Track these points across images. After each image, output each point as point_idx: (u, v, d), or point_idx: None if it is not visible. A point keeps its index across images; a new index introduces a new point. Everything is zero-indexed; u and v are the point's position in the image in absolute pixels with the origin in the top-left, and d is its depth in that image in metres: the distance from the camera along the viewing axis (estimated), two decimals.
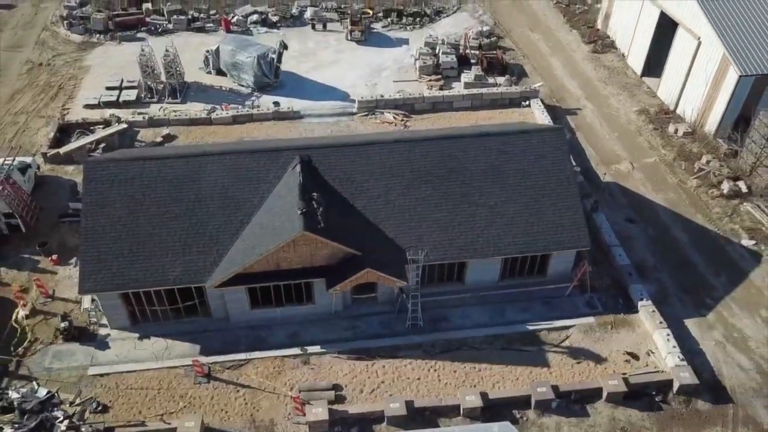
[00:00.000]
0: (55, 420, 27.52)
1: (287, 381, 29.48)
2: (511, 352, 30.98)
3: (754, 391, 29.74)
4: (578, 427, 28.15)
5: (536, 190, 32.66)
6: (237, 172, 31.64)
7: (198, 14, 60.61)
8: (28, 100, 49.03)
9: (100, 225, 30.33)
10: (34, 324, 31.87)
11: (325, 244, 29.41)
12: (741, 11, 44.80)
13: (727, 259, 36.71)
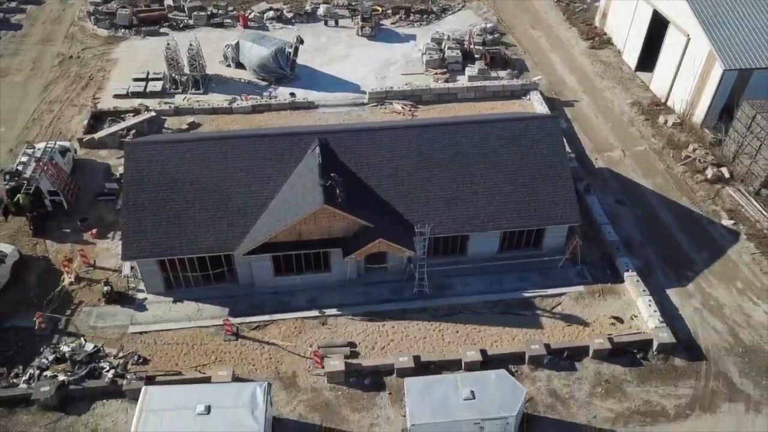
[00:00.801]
0: (102, 370, 31.03)
1: (307, 339, 32.95)
2: (509, 315, 34.40)
3: (725, 351, 33.11)
4: (567, 379, 31.58)
5: (532, 172, 36.04)
6: (262, 154, 35.09)
7: (217, 11, 63.94)
8: (61, 90, 52.51)
9: (139, 200, 33.85)
10: (80, 289, 35.36)
11: (342, 217, 32.86)
12: (727, 10, 48.04)
13: (708, 237, 40.04)
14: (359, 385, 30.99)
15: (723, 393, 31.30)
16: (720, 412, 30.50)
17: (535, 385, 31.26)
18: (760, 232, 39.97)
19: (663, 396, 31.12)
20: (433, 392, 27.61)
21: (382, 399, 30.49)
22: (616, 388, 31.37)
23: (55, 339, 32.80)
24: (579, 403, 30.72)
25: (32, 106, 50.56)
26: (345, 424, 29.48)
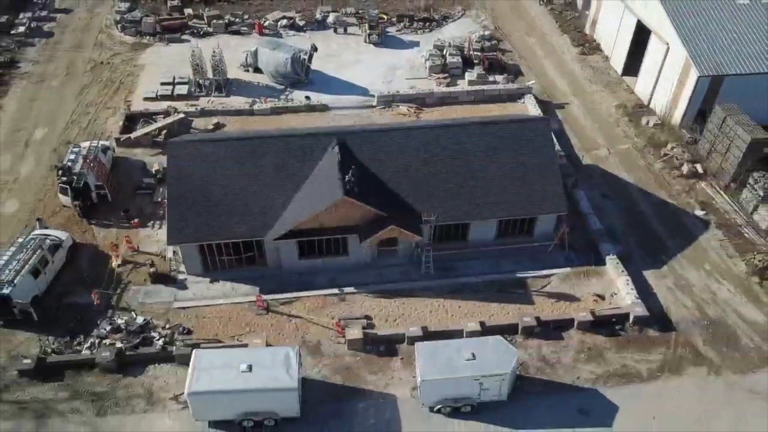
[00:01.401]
0: (153, 339, 35.92)
1: (328, 313, 37.85)
2: (504, 293, 39.32)
3: (692, 323, 38.07)
4: (554, 347, 36.52)
5: (525, 167, 40.90)
6: (288, 152, 39.91)
7: (234, 19, 68.70)
8: (95, 94, 57.25)
9: (181, 192, 38.68)
10: (127, 271, 40.22)
11: (358, 207, 37.71)
12: (703, 22, 52.88)
13: (682, 226, 44.97)
14: (375, 351, 35.94)
15: (689, 358, 36.26)
16: (685, 375, 35.46)
17: (527, 351, 36.18)
18: (727, 222, 44.93)
19: (637, 361, 36.07)
20: (440, 354, 32.56)
21: (395, 363, 35.43)
22: (597, 355, 36.32)
23: (109, 313, 37.62)
24: (565, 366, 35.66)
25: (70, 108, 55.26)
26: (364, 383, 34.36)
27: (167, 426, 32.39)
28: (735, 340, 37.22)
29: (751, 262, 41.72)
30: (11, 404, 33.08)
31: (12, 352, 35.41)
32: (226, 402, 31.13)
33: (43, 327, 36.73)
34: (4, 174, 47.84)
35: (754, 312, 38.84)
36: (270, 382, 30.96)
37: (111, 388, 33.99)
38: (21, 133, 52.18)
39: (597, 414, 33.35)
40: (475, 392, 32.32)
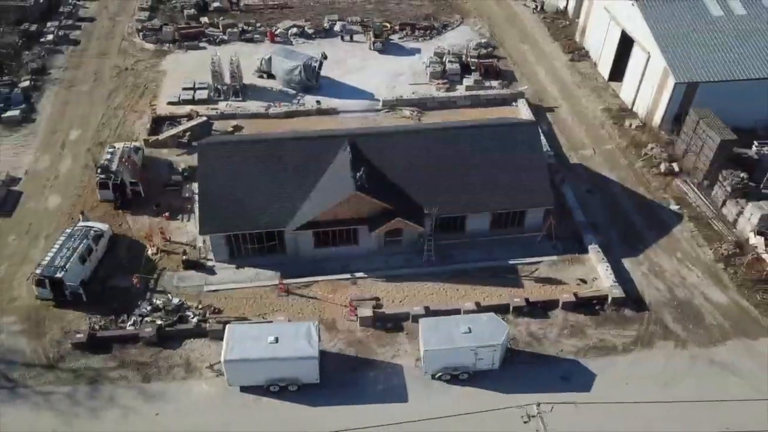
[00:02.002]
0: (188, 317, 40.87)
1: (341, 295, 42.80)
2: (497, 278, 44.26)
3: (663, 304, 43.05)
4: (541, 324, 41.49)
5: (516, 166, 45.83)
6: (305, 152, 44.83)
7: (247, 27, 73.59)
8: (122, 98, 62.13)
9: (211, 188, 43.61)
10: (161, 258, 45.15)
11: (368, 201, 42.64)
12: (680, 32, 57.78)
13: (658, 219, 49.95)
14: (383, 327, 40.88)
15: (659, 334, 41.26)
16: (656, 348, 40.45)
17: (516, 328, 41.14)
18: (698, 215, 49.93)
19: (614, 336, 41.06)
20: (441, 328, 37.55)
21: (401, 337, 40.40)
22: (579, 331, 41.31)
23: (148, 295, 42.56)
24: (550, 341, 40.66)
25: (100, 111, 60.13)
26: (374, 355, 39.33)
27: (204, 391, 37.33)
28: (700, 318, 42.22)
29: (717, 251, 46.71)
30: (68, 372, 38.01)
31: (65, 328, 40.31)
32: (256, 369, 36.06)
33: (90, 307, 41.59)
34: (46, 172, 52.72)
35: (718, 294, 43.86)
36: (294, 352, 35.91)
37: (153, 359, 38.91)
38: (57, 135, 57.03)
39: (577, 381, 38.30)
40: (471, 361, 37.25)
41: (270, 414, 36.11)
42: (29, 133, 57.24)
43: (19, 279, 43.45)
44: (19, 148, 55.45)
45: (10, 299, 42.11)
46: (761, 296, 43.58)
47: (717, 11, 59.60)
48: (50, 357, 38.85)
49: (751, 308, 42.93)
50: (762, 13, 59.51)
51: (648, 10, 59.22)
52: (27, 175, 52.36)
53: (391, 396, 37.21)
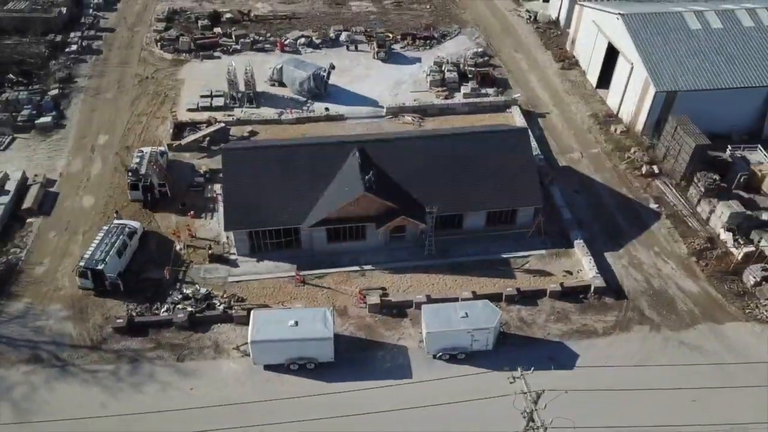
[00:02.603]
0: (215, 305, 45.75)
1: (351, 285, 47.69)
2: (492, 270, 49.18)
3: (641, 293, 48.01)
4: (530, 311, 46.43)
5: (508, 169, 50.71)
6: (319, 156, 49.70)
7: (258, 37, 78.41)
8: (145, 105, 66.91)
9: (234, 189, 48.46)
10: (188, 253, 50.01)
11: (375, 201, 47.50)
12: (661, 45, 62.71)
13: (639, 217, 54.86)
14: (390, 314, 45.81)
15: (636, 319, 46.22)
16: (632, 331, 45.40)
17: (509, 314, 46.08)
18: (675, 213, 54.90)
19: (596, 321, 46.01)
20: (441, 313, 42.49)
21: (406, 322, 45.32)
22: (564, 317, 46.24)
23: (177, 285, 47.43)
24: (538, 325, 45.60)
25: (124, 118, 64.93)
26: (381, 338, 44.25)
27: (232, 369, 42.22)
28: (673, 305, 47.21)
29: (691, 245, 51.71)
30: (110, 353, 42.90)
31: (105, 314, 45.19)
32: (278, 349, 40.97)
33: (126, 296, 46.45)
34: (78, 174, 57.54)
35: (690, 284, 48.85)
36: (312, 334, 40.81)
37: (186, 341, 43.82)
38: (86, 140, 61.86)
39: (562, 360, 43.17)
40: (468, 343, 42.17)
41: (290, 389, 40.91)
42: (61, 138, 62.02)
43: (61, 271, 48.34)
44: (53, 152, 60.21)
45: (55, 289, 46.98)
46: (728, 286, 48.59)
47: (695, 24, 64.50)
48: (94, 339, 43.72)
49: (719, 296, 47.91)
50: (736, 26, 64.39)
51: (631, 24, 64.13)
52: (62, 177, 57.15)
53: (397, 373, 42.11)
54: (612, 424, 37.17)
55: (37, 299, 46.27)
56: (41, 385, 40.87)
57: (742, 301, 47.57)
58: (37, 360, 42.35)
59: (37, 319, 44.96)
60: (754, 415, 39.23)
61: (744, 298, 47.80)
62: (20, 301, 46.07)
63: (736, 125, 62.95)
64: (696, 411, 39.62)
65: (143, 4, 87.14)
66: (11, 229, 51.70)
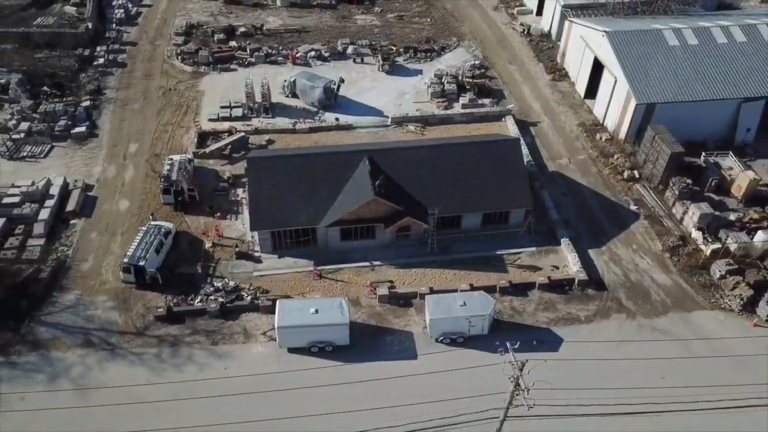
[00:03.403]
0: (243, 296, 51.82)
1: (363, 279, 53.81)
2: (487, 265, 55.31)
3: (619, 285, 54.16)
4: (521, 301, 52.56)
5: (502, 174, 56.80)
6: (333, 164, 55.76)
7: (271, 50, 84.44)
8: (170, 115, 72.91)
9: (259, 193, 54.53)
10: (216, 250, 56.08)
11: (384, 204, 53.59)
12: (642, 61, 68.78)
13: (620, 217, 60.98)
14: (397, 303, 51.94)
15: (614, 308, 52.38)
16: (611, 318, 51.53)
17: (502, 304, 52.20)
18: (652, 214, 61.03)
19: (579, 310, 52.14)
20: (442, 302, 48.63)
21: (411, 311, 51.45)
22: (551, 306, 52.37)
23: (208, 279, 53.53)
24: (528, 314, 51.73)
25: (152, 127, 70.93)
26: (390, 324, 50.38)
27: (260, 352, 48.33)
28: (647, 296, 53.36)
29: (665, 243, 57.84)
30: (153, 338, 48.99)
31: (147, 304, 51.28)
32: (301, 333, 47.05)
33: (164, 288, 52.50)
34: (114, 180, 63.57)
35: (663, 277, 55.01)
36: (331, 320, 46.92)
37: (218, 328, 49.91)
38: (118, 148, 67.89)
39: (548, 343, 49.26)
40: (466, 328, 48.29)
41: (311, 368, 46.99)
42: (95, 147, 68.05)
43: (105, 267, 54.42)
44: (89, 159, 66.24)
45: (100, 283, 53.07)
46: (697, 279, 54.75)
47: (673, 41, 70.65)
48: (138, 326, 49.82)
49: (689, 288, 54.09)
50: (711, 43, 70.55)
51: (615, 41, 70.25)
52: (99, 183, 63.16)
53: (404, 355, 48.28)
54: (584, 386, 43.18)
55: (86, 291, 52.33)
56: (94, 365, 46.97)
57: (709, 292, 53.70)
58: (90, 344, 48.42)
59: (87, 308, 51.02)
60: (716, 389, 45.20)
61: (710, 289, 53.92)
62: (71, 293, 52.10)
63: (710, 133, 69.06)
64: (665, 385, 45.70)
65: (162, 19, 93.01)
66: (58, 230, 57.65)
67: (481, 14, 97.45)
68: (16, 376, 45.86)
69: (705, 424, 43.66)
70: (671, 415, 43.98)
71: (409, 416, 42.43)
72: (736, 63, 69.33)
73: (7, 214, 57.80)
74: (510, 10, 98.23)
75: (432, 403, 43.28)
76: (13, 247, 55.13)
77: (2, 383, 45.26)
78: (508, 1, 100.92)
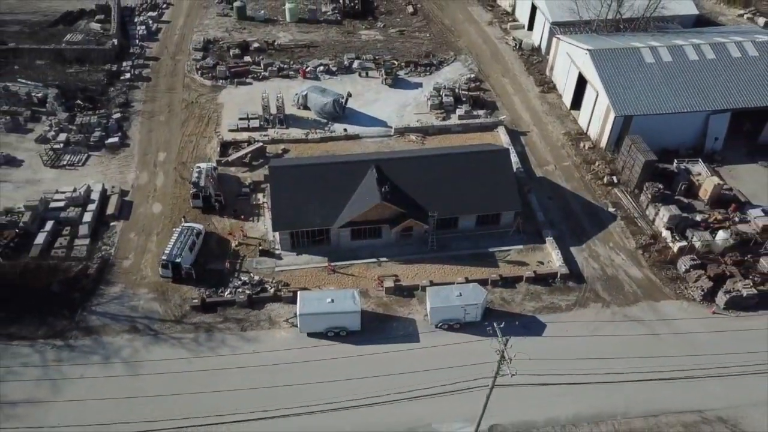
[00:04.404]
0: (267, 288, 59.27)
1: (371, 273, 61.28)
2: (480, 261, 62.80)
3: (597, 278, 61.67)
4: (510, 292, 59.97)
5: (493, 181, 64.25)
6: (344, 171, 63.19)
7: (283, 65, 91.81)
8: (193, 126, 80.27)
9: (280, 198, 61.98)
10: (242, 249, 63.53)
11: (389, 208, 61.02)
12: (621, 76, 76.24)
13: (599, 218, 68.48)
14: (401, 294, 59.43)
15: (592, 298, 59.86)
16: (589, 307, 59.01)
17: (493, 294, 59.66)
18: (628, 215, 68.52)
19: (561, 300, 59.62)
20: (441, 293, 56.16)
21: (414, 301, 58.89)
22: (536, 297, 59.85)
23: (236, 274, 60.97)
24: (516, 303, 59.21)
25: (177, 137, 78.31)
26: (395, 312, 57.86)
27: (283, 336, 55.76)
28: (621, 287, 60.87)
29: (638, 241, 65.35)
30: (190, 325, 56.39)
31: (183, 296, 58.71)
32: (319, 320, 54.48)
33: (197, 282, 59.90)
34: (146, 186, 70.94)
35: (635, 271, 62.53)
36: (345, 308, 54.36)
37: (246, 316, 57.32)
38: (149, 156, 75.28)
39: (534, 329, 56.70)
40: (461, 315, 55.73)
41: (328, 350, 54.41)
42: (127, 156, 75.43)
43: (144, 263, 61.79)
44: (122, 167, 73.62)
45: (141, 277, 60.47)
46: (665, 273, 62.23)
47: (650, 58, 78.14)
48: (176, 315, 57.23)
49: (658, 281, 61.58)
50: (683, 60, 78.05)
51: (597, 59, 77.69)
52: (133, 189, 70.55)
53: (408, 338, 55.73)
54: (560, 360, 50.78)
55: (129, 285, 59.74)
56: (141, 348, 54.39)
57: (675, 284, 61.20)
58: (135, 330, 55.83)
59: (131, 300, 58.42)
60: (677, 364, 52.73)
61: (676, 282, 61.41)
62: (116, 287, 59.52)
63: (682, 142, 76.58)
64: (633, 363, 53.22)
65: (181, 35, 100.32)
66: (100, 231, 65.01)
67: (476, 29, 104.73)
68: (75, 357, 53.26)
69: (666, 391, 51.24)
70: (634, 384, 51.61)
71: (410, 385, 49.85)
72: (705, 78, 76.79)
73: (55, 217, 65.07)
74: (503, 25, 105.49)
75: (432, 371, 50.71)
76: (62, 246, 62.44)
77: (64, 363, 52.67)
78: (501, 17, 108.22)
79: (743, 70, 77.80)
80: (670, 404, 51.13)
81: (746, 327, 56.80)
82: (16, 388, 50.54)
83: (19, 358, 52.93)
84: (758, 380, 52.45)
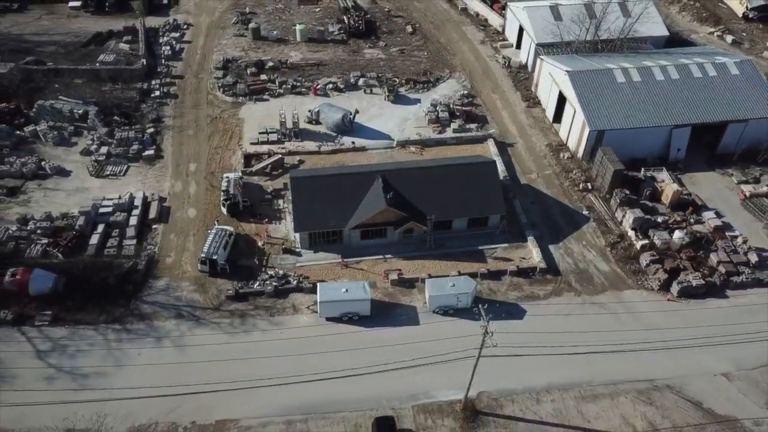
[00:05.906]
0: (290, 281, 69.90)
1: (378, 268, 71.92)
2: (471, 257, 73.41)
3: (571, 271, 72.34)
4: (496, 284, 70.58)
5: (482, 188, 74.88)
6: (355, 181, 73.79)
7: (296, 83, 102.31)
8: (218, 140, 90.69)
9: (300, 203, 72.59)
10: (267, 248, 74.12)
11: (393, 212, 71.62)
12: (595, 95, 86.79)
13: (574, 220, 79.14)
14: (404, 286, 70.08)
15: (566, 288, 70.53)
16: (563, 296, 69.62)
17: (482, 285, 70.27)
18: (600, 217, 79.19)
19: (539, 290, 70.25)
20: (438, 283, 66.82)
21: (414, 291, 69.54)
22: (519, 287, 70.50)
23: (263, 269, 71.53)
24: (501, 293, 69.85)
25: (205, 150, 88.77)
26: (399, 301, 68.50)
27: (305, 320, 66.30)
28: (591, 279, 71.57)
29: (608, 240, 76.05)
30: (226, 312, 66.92)
31: (219, 288, 69.29)
32: (335, 306, 65.06)
33: (230, 276, 70.46)
34: (181, 194, 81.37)
35: (604, 265, 73.23)
36: (357, 296, 64.94)
37: (273, 304, 67.91)
38: (181, 167, 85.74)
39: (515, 314, 67.37)
40: (454, 302, 66.31)
41: (343, 331, 65.04)
42: (162, 167, 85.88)
43: (184, 260, 72.29)
44: (158, 177, 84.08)
45: (182, 272, 70.99)
46: (629, 267, 72.91)
47: (621, 79, 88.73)
48: (214, 304, 67.82)
49: (623, 273, 72.27)
50: (651, 79, 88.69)
51: (574, 80, 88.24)
52: (170, 196, 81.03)
53: (410, 322, 66.41)
54: (536, 334, 61.57)
55: (172, 279, 70.30)
56: (186, 331, 64.94)
57: (637, 276, 71.87)
58: (181, 316, 66.38)
59: (174, 291, 68.97)
60: (634, 341, 63.47)
61: (638, 274, 72.08)
62: (161, 280, 70.06)
63: (650, 152, 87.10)
64: (597, 340, 63.94)
65: (202, 54, 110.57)
66: (144, 233, 75.54)
67: (469, 47, 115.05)
68: (132, 338, 63.85)
69: (624, 364, 62.04)
70: (597, 356, 62.37)
71: (412, 359, 60.57)
72: (670, 96, 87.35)
73: (104, 221, 75.60)
74: (494, 43, 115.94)
75: (430, 347, 61.59)
76: (112, 246, 72.97)
77: (124, 343, 63.29)
78: (492, 36, 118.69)
79: (703, 88, 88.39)
80: (627, 374, 61.81)
81: (695, 312, 67.50)
82: (87, 363, 61.13)
83: (86, 339, 63.46)
84: (701, 353, 63.25)
